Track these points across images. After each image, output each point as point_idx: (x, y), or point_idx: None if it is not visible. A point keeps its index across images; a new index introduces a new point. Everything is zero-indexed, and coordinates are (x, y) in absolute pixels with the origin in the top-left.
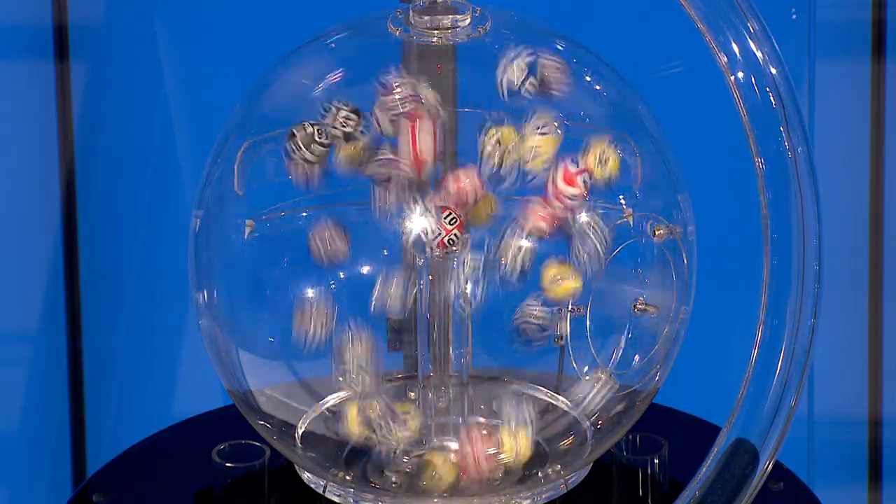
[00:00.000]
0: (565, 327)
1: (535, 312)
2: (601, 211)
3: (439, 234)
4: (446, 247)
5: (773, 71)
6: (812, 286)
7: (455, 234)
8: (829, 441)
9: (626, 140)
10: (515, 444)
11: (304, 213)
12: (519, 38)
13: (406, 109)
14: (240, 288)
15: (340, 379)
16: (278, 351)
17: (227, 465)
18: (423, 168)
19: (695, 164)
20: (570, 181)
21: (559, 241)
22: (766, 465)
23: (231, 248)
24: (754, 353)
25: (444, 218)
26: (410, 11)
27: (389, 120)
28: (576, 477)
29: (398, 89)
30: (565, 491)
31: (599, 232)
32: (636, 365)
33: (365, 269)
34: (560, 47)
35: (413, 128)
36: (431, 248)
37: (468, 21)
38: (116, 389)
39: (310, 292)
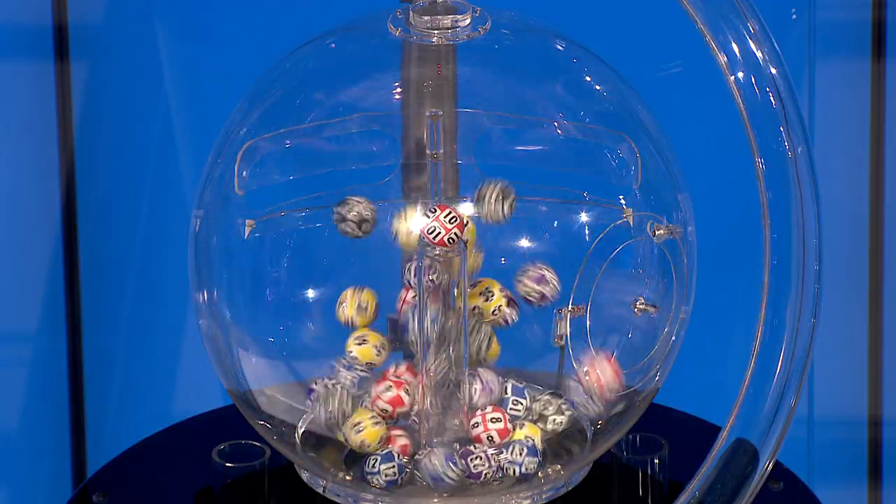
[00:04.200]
0: (565, 327)
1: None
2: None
3: (439, 232)
4: (446, 245)
5: (773, 71)
6: (812, 286)
7: (455, 233)
8: (829, 441)
9: (626, 140)
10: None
11: (304, 213)
12: (519, 38)
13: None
14: (240, 288)
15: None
16: (278, 351)
17: (227, 465)
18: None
19: (695, 164)
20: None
21: None
22: (766, 465)
23: (231, 248)
24: (754, 353)
25: (444, 217)
26: (410, 11)
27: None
28: (576, 477)
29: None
30: (565, 491)
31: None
32: (636, 365)
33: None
34: (560, 47)
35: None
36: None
37: (468, 21)
38: (116, 389)
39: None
